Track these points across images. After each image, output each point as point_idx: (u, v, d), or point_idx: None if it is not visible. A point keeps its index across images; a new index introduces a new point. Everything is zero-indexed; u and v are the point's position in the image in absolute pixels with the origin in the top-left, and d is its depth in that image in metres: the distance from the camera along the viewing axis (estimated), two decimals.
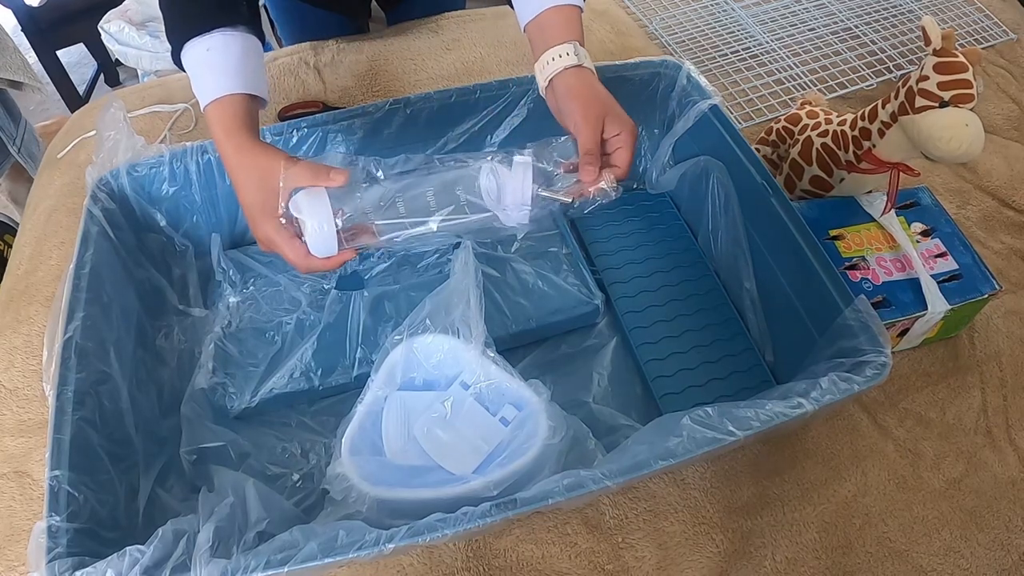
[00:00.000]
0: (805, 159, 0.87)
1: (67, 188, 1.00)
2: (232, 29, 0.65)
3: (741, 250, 0.79)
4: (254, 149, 0.62)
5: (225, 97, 0.64)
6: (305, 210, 0.60)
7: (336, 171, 0.60)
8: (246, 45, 0.66)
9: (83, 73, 2.30)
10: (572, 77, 0.67)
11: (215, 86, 0.64)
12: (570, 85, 0.67)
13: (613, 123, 0.65)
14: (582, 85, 0.67)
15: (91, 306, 0.68)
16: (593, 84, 0.67)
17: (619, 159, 0.66)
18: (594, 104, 0.65)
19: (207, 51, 0.65)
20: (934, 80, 0.72)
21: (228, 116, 0.64)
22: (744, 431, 0.58)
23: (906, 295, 0.78)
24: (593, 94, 0.66)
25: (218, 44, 0.65)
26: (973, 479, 0.76)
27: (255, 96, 0.67)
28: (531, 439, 0.65)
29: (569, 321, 0.82)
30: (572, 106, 0.66)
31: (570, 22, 0.69)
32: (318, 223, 0.60)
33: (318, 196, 0.60)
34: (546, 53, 0.68)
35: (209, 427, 0.71)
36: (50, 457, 0.58)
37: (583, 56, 0.68)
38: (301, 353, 0.76)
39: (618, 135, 0.66)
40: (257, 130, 0.65)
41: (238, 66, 0.65)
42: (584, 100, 0.66)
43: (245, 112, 0.64)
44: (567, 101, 0.66)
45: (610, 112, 0.66)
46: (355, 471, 0.63)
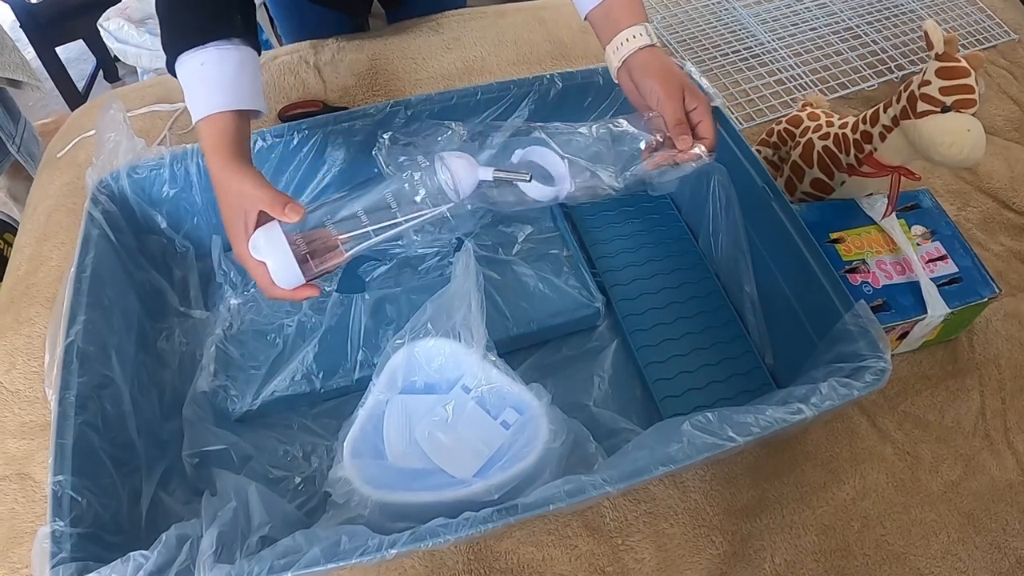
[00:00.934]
0: (806, 162, 0.87)
1: (67, 188, 1.00)
2: (227, 42, 0.65)
3: (741, 253, 0.80)
4: (234, 170, 0.63)
5: (216, 115, 0.64)
6: (263, 249, 0.61)
7: (292, 206, 0.61)
8: (241, 58, 0.66)
9: (82, 69, 2.28)
10: (647, 56, 0.70)
11: (207, 103, 0.65)
12: (647, 63, 0.70)
13: (691, 96, 0.69)
14: (658, 63, 0.70)
15: (92, 310, 0.68)
16: (666, 61, 0.71)
17: (705, 130, 0.69)
18: (673, 79, 0.69)
19: (201, 65, 0.65)
20: (936, 85, 0.73)
21: (216, 134, 0.64)
22: (744, 437, 0.59)
23: (906, 298, 0.78)
24: (669, 70, 0.70)
25: (212, 58, 0.65)
26: (971, 482, 0.76)
27: (248, 110, 0.67)
28: (532, 443, 0.65)
29: (570, 324, 0.82)
30: (652, 83, 0.69)
31: (634, 4, 0.72)
32: (275, 260, 0.61)
33: (273, 232, 0.61)
34: (618, 36, 0.71)
35: (211, 430, 0.71)
36: (53, 462, 0.58)
37: (653, 36, 0.71)
38: (302, 356, 0.76)
39: (696, 108, 0.69)
40: (244, 148, 0.66)
41: (231, 81, 0.65)
42: (663, 76, 0.69)
43: (234, 130, 0.65)
44: (646, 79, 0.70)
45: (687, 84, 0.70)
46: (357, 475, 0.64)
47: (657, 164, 0.69)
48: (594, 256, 0.89)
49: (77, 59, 2.33)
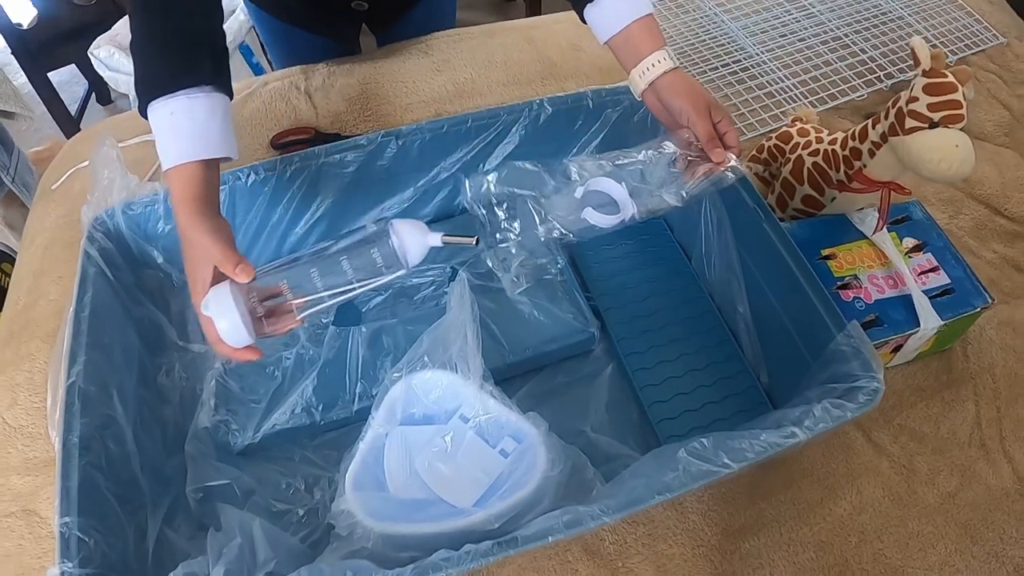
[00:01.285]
0: (796, 178, 0.88)
1: (63, 221, 1.01)
2: (196, 90, 0.66)
3: (734, 274, 0.80)
4: (196, 223, 0.64)
5: (183, 165, 0.65)
6: (211, 308, 0.62)
7: (243, 267, 0.62)
8: (210, 105, 0.67)
9: (74, 92, 2.29)
10: (673, 78, 0.76)
11: (176, 153, 0.66)
12: (673, 84, 0.76)
13: (715, 110, 0.75)
14: (684, 84, 0.76)
15: (92, 349, 0.69)
16: (691, 81, 0.77)
17: (731, 139, 0.75)
18: (700, 98, 0.75)
19: (171, 115, 0.66)
20: (924, 101, 0.73)
21: (183, 185, 0.65)
22: (739, 463, 0.59)
23: (898, 312, 0.78)
24: (694, 89, 0.76)
25: (181, 107, 0.66)
26: (967, 492, 0.77)
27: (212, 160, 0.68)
28: (530, 471, 0.66)
29: (565, 349, 0.83)
30: (680, 103, 0.75)
31: (653, 31, 0.77)
32: (222, 321, 0.61)
33: (222, 292, 0.62)
34: (643, 61, 0.76)
35: (214, 465, 0.72)
36: (59, 504, 0.59)
37: (674, 59, 0.76)
38: (302, 389, 0.76)
39: (721, 120, 0.75)
40: (210, 198, 0.67)
41: (200, 131, 0.66)
42: (691, 96, 0.75)
43: (200, 180, 0.66)
44: (675, 99, 0.75)
45: (711, 100, 0.75)
46: (359, 507, 0.64)
47: (697, 176, 0.74)
48: (588, 279, 0.89)
49: (69, 82, 2.34)
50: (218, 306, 0.61)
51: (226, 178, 0.81)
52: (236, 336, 0.61)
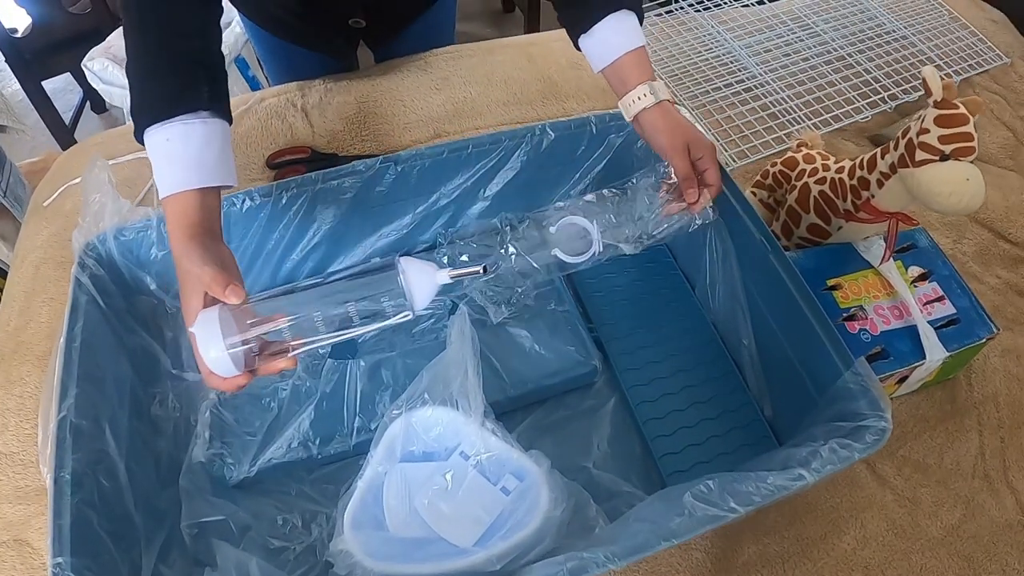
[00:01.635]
0: (802, 207, 0.87)
1: (54, 239, 0.99)
2: (193, 116, 0.64)
3: (739, 306, 0.79)
4: (189, 250, 0.62)
5: (178, 194, 0.64)
6: (198, 333, 0.58)
7: (233, 288, 0.59)
8: (207, 132, 0.65)
9: (69, 100, 2.26)
10: (655, 114, 0.75)
11: (171, 181, 0.64)
12: (653, 121, 0.75)
13: (696, 146, 0.74)
14: (664, 120, 0.75)
15: (84, 381, 0.67)
16: (672, 115, 0.76)
17: (711, 177, 0.75)
18: (678, 134, 0.74)
19: (167, 141, 0.64)
20: (935, 133, 0.72)
21: (178, 214, 0.64)
22: (745, 507, 0.58)
23: (904, 344, 0.78)
24: (674, 125, 0.75)
25: (177, 134, 0.64)
26: (971, 524, 0.76)
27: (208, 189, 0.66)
28: (533, 511, 0.64)
29: (567, 382, 0.81)
30: (659, 139, 0.75)
31: (642, 63, 0.77)
32: (210, 349, 0.57)
33: (208, 317, 0.59)
34: (628, 95, 0.76)
35: (208, 500, 0.70)
36: (51, 543, 0.57)
37: (659, 91, 0.76)
38: (299, 422, 0.75)
39: (702, 157, 0.74)
40: (207, 226, 0.65)
41: (196, 159, 0.64)
42: (668, 132, 0.74)
43: (195, 208, 0.64)
44: (654, 136, 0.76)
45: (691, 137, 0.74)
46: (358, 547, 0.63)
47: (669, 213, 0.75)
48: (590, 309, 0.88)
49: (63, 90, 2.31)
50: (204, 331, 0.58)
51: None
52: (222, 365, 0.58)
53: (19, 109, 1.97)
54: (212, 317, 0.58)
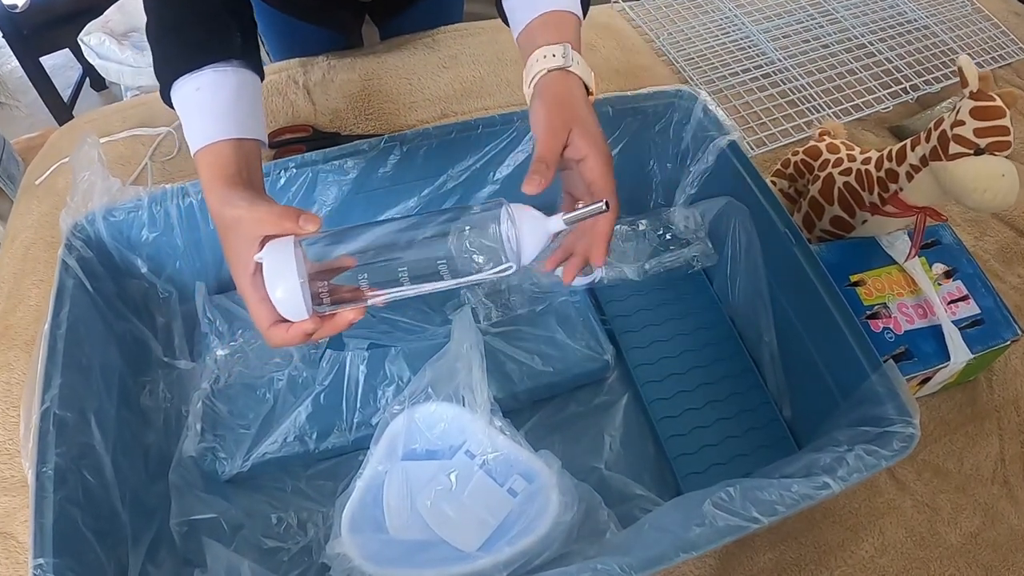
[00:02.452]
0: (826, 198, 0.83)
1: (45, 219, 0.96)
2: (224, 64, 0.59)
3: (762, 301, 0.76)
4: (233, 198, 0.55)
5: (212, 145, 0.58)
6: (266, 267, 0.50)
7: (307, 216, 0.52)
8: (240, 82, 0.60)
9: (68, 77, 2.21)
10: (553, 80, 0.59)
11: (203, 132, 0.58)
12: (546, 86, 0.59)
13: (580, 139, 0.56)
14: (559, 88, 0.58)
15: (69, 370, 0.63)
16: (572, 90, 0.59)
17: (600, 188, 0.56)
18: (563, 110, 0.57)
19: (196, 91, 0.59)
20: (970, 126, 0.68)
21: (213, 165, 0.57)
22: (769, 517, 0.55)
23: (928, 345, 0.74)
24: (565, 99, 0.58)
25: (208, 83, 0.59)
26: (990, 533, 0.74)
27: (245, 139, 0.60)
28: (542, 515, 0.61)
29: (578, 377, 0.78)
30: (538, 109, 0.58)
31: (564, 26, 0.61)
32: (280, 286, 0.49)
33: (280, 247, 0.50)
34: (534, 53, 0.60)
35: (199, 496, 0.67)
36: (33, 543, 0.54)
37: (572, 59, 0.59)
38: (295, 415, 0.71)
39: (585, 159, 0.57)
40: (247, 176, 0.58)
41: (229, 108, 0.59)
42: (554, 103, 0.58)
43: (234, 160, 0.58)
44: (537, 106, 0.58)
45: (577, 124, 0.57)
46: (356, 550, 0.60)
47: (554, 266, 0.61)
48: (603, 300, 0.84)
49: (63, 67, 2.26)
50: (275, 260, 0.49)
51: None
52: (292, 304, 0.49)
53: (17, 86, 1.93)
54: (287, 244, 0.50)
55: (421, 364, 0.68)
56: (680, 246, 0.83)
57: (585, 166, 0.57)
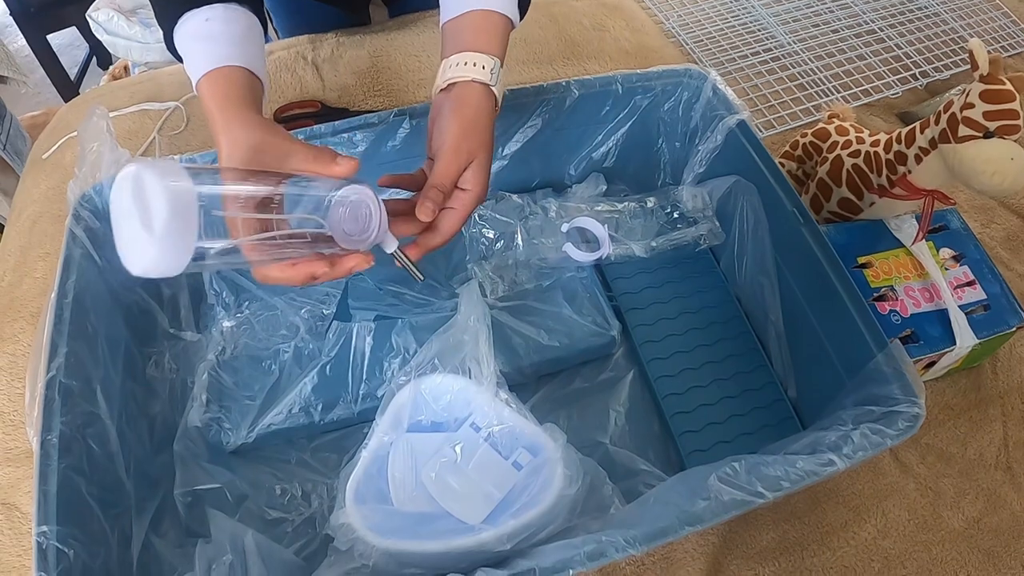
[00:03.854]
0: (834, 180, 0.83)
1: (52, 193, 0.96)
2: (235, 4, 0.58)
3: (769, 280, 0.75)
4: (250, 121, 0.53)
5: (223, 68, 0.56)
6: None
7: (344, 158, 0.51)
8: (249, 23, 0.59)
9: (75, 56, 2.21)
10: (472, 93, 0.59)
11: (211, 57, 0.56)
12: (465, 101, 0.59)
13: (473, 175, 0.58)
14: (477, 107, 0.59)
15: (75, 340, 0.63)
16: (486, 115, 0.60)
17: (446, 222, 0.59)
18: (470, 139, 0.58)
19: (206, 21, 0.57)
20: (980, 109, 0.68)
21: (224, 88, 0.55)
22: (774, 492, 0.55)
23: (934, 329, 0.74)
24: (480, 127, 0.59)
25: (219, 15, 0.57)
26: (992, 518, 0.74)
27: (256, 76, 0.58)
28: (546, 489, 0.61)
29: (584, 352, 0.77)
30: (451, 125, 0.58)
31: (496, 33, 0.61)
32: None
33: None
34: (463, 54, 0.60)
35: (204, 467, 0.67)
36: (36, 511, 0.54)
37: (497, 77, 0.60)
38: (301, 387, 0.71)
39: (466, 191, 0.59)
40: (259, 106, 0.56)
41: (240, 39, 0.57)
42: (465, 128, 0.58)
43: (245, 85, 0.56)
44: (450, 117, 0.59)
45: (480, 158, 0.59)
46: (361, 522, 0.60)
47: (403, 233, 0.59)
48: (609, 277, 0.84)
49: (69, 45, 2.26)
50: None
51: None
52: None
53: (24, 65, 1.93)
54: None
55: (427, 336, 0.68)
56: (688, 224, 0.83)
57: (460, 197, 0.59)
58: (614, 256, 0.79)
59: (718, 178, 0.81)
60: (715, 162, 0.82)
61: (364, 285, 0.78)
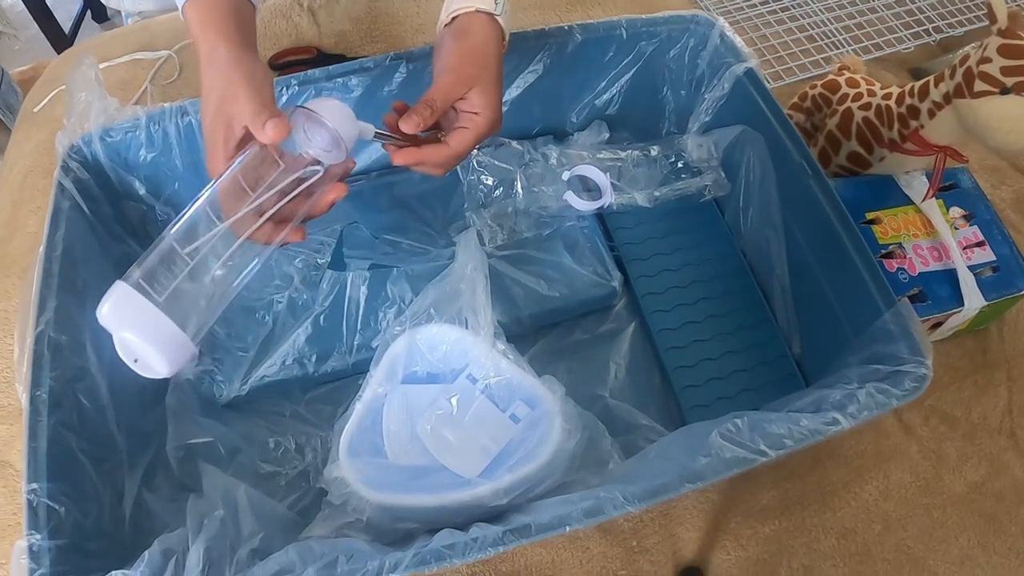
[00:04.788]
0: (844, 133, 0.81)
1: (43, 146, 0.94)
2: None
3: (775, 233, 0.73)
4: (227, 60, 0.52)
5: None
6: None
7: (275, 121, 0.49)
8: None
9: (69, 9, 2.15)
10: (476, 23, 0.58)
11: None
12: (467, 30, 0.58)
13: (479, 97, 0.57)
14: (480, 36, 0.58)
15: (64, 293, 0.62)
16: (491, 43, 0.58)
17: (456, 138, 0.57)
18: (472, 63, 0.57)
19: None
20: (997, 64, 0.65)
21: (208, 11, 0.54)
22: (776, 450, 0.53)
23: (943, 288, 0.73)
24: (481, 54, 0.57)
25: None
26: (994, 483, 0.73)
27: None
28: (544, 442, 0.60)
29: (584, 304, 0.76)
30: (451, 50, 0.57)
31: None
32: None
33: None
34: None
35: (196, 420, 0.66)
36: (26, 468, 0.53)
37: (503, 8, 0.59)
38: (294, 338, 0.70)
39: (475, 115, 0.57)
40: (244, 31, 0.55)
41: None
42: (467, 53, 0.57)
43: (230, 10, 0.54)
44: (451, 44, 0.57)
45: (482, 83, 0.57)
46: (355, 475, 0.59)
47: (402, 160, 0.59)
48: (611, 227, 0.82)
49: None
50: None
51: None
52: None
53: (17, 21, 1.88)
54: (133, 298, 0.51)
55: (424, 286, 0.67)
56: (692, 174, 0.81)
57: (469, 118, 0.57)
58: (616, 205, 0.77)
59: (724, 127, 0.79)
60: (721, 111, 0.80)
61: (359, 233, 0.76)
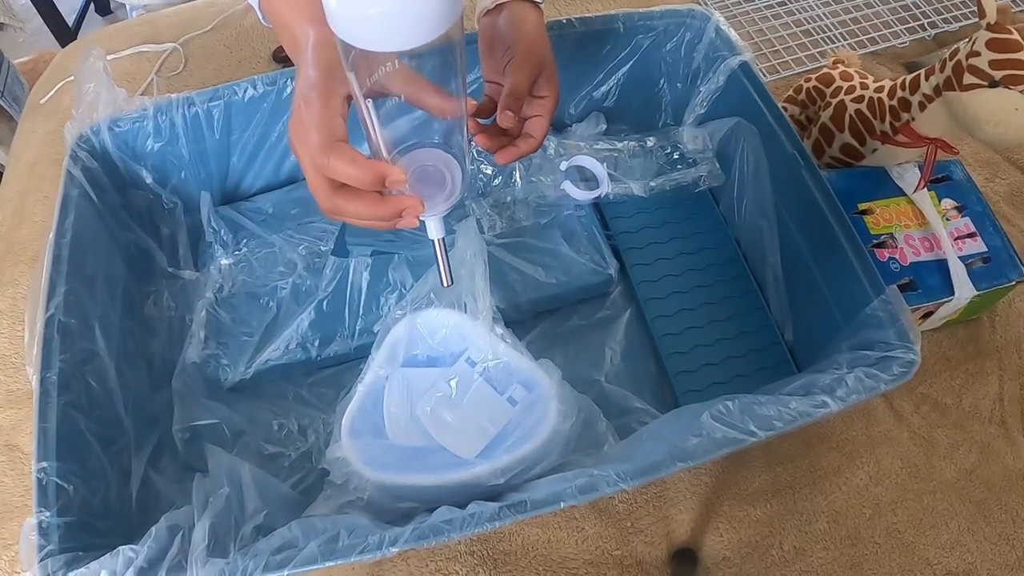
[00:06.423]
0: (837, 125, 0.82)
1: (50, 137, 0.96)
2: None
3: (768, 222, 0.75)
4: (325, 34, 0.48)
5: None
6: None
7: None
8: None
9: (73, 2, 2.17)
10: (528, 11, 0.60)
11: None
12: (523, 19, 0.60)
13: (547, 82, 0.60)
14: (535, 26, 0.60)
15: (73, 279, 0.64)
16: (542, 29, 0.61)
17: (535, 128, 0.60)
18: (538, 50, 0.60)
19: None
20: (986, 57, 0.67)
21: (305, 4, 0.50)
22: (766, 431, 0.55)
23: (933, 278, 0.74)
24: (542, 40, 0.60)
25: None
26: (984, 470, 0.74)
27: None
28: (540, 424, 0.62)
29: (581, 290, 0.77)
30: (517, 41, 0.59)
31: None
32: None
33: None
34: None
35: (202, 403, 0.68)
36: (36, 448, 0.55)
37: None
38: (298, 323, 0.72)
39: (545, 98, 0.60)
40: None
41: None
42: (530, 42, 0.60)
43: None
44: (510, 34, 0.60)
45: (548, 68, 0.60)
46: (356, 455, 0.61)
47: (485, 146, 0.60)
48: (608, 216, 0.83)
49: None
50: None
51: (220, 92, 0.74)
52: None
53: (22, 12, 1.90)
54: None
55: (424, 271, 0.68)
56: (687, 165, 0.82)
57: (540, 104, 0.60)
58: (613, 195, 0.79)
59: (719, 119, 0.81)
60: (716, 103, 0.81)
61: None
